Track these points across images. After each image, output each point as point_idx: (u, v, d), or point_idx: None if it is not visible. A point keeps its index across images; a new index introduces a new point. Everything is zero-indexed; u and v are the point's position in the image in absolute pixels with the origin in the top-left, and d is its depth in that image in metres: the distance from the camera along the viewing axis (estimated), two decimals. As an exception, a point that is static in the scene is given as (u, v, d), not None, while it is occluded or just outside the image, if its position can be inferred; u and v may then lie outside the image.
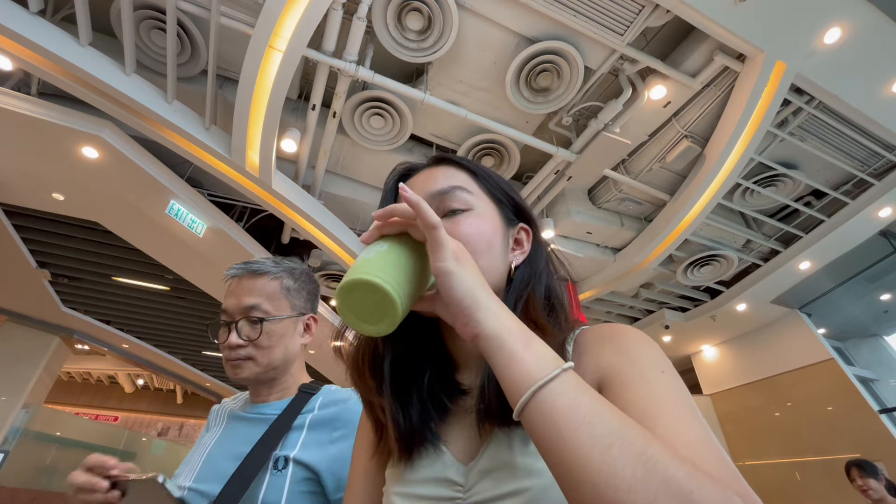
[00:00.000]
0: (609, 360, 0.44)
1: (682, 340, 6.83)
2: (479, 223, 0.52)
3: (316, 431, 0.83)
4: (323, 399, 0.89)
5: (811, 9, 2.70)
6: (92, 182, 3.69)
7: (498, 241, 0.53)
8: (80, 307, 6.76)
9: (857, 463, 2.74)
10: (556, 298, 0.55)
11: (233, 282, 0.93)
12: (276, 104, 2.87)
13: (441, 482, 0.47)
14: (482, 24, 2.93)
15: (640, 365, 0.42)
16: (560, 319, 0.51)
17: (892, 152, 3.78)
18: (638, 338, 0.46)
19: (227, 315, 0.89)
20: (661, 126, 3.71)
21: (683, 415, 0.37)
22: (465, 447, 0.49)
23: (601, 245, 4.82)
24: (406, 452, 0.50)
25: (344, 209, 4.25)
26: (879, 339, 6.53)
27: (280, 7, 2.40)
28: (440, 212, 0.54)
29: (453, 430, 0.52)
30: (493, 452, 0.45)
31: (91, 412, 13.15)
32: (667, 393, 0.39)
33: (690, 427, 0.35)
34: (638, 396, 0.39)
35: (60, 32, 2.60)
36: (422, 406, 0.52)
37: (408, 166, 0.61)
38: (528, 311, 0.51)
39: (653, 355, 0.43)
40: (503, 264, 0.53)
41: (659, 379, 0.40)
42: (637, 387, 0.40)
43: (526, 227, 0.59)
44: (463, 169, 0.58)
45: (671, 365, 0.43)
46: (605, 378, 0.43)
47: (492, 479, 0.43)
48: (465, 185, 0.55)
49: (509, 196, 0.59)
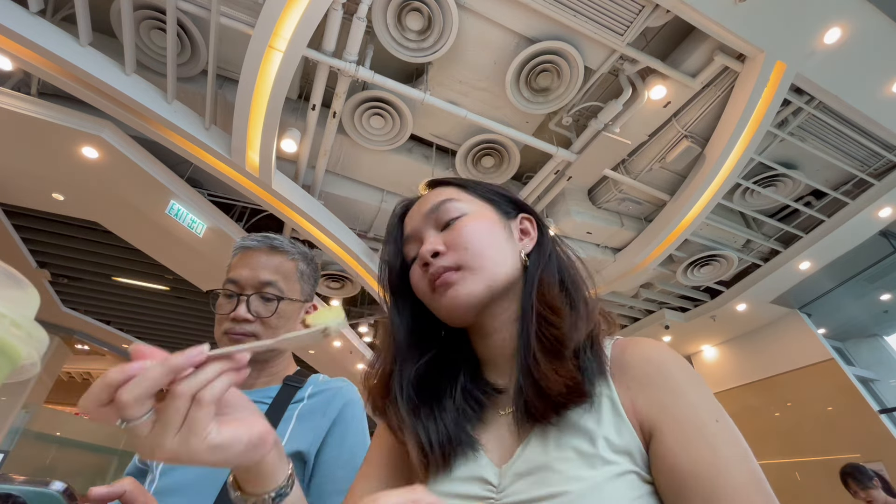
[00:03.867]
0: (662, 400, 0.43)
1: (682, 340, 6.82)
2: (473, 222, 0.55)
3: (305, 421, 0.81)
4: (313, 388, 0.87)
5: (811, 9, 2.70)
6: (92, 182, 3.69)
7: (499, 232, 0.55)
8: (80, 307, 6.76)
9: (851, 473, 2.71)
10: (570, 280, 0.55)
11: (246, 252, 0.88)
12: (276, 104, 2.87)
13: (475, 480, 0.47)
14: (482, 24, 2.93)
15: (696, 413, 0.42)
16: (577, 303, 0.52)
17: (892, 152, 3.77)
18: (688, 374, 0.45)
19: (237, 286, 0.84)
20: (661, 126, 3.71)
21: (749, 489, 0.37)
22: (500, 449, 0.49)
23: (601, 245, 4.82)
24: (443, 459, 0.49)
25: (344, 209, 4.25)
26: (879, 339, 6.52)
27: (280, 7, 2.39)
28: (438, 227, 0.56)
29: (488, 433, 0.51)
30: (528, 455, 0.45)
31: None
32: (730, 459, 0.39)
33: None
34: (702, 459, 0.39)
35: (60, 32, 2.60)
36: (457, 411, 0.53)
37: (406, 203, 0.64)
38: (543, 295, 0.51)
39: (706, 399, 0.43)
40: (512, 254, 0.55)
41: (719, 436, 0.40)
42: (700, 445, 0.40)
43: (529, 217, 0.61)
44: (450, 185, 0.61)
45: (721, 407, 0.43)
46: (658, 420, 0.42)
47: (526, 482, 0.43)
48: (453, 197, 0.57)
49: (501, 194, 0.61)
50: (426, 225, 0.57)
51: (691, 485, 0.38)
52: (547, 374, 0.45)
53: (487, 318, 0.54)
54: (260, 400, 0.84)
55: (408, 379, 0.55)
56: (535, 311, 0.50)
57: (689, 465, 0.38)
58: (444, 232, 0.55)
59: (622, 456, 0.41)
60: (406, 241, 0.59)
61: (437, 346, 0.58)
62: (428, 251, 0.53)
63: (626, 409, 0.44)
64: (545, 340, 0.48)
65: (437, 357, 0.57)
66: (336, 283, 5.29)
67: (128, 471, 0.89)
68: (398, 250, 0.60)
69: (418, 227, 0.57)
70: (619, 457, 0.41)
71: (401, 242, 0.60)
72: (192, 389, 0.36)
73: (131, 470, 0.88)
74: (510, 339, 0.53)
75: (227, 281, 0.87)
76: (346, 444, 0.80)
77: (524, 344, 0.50)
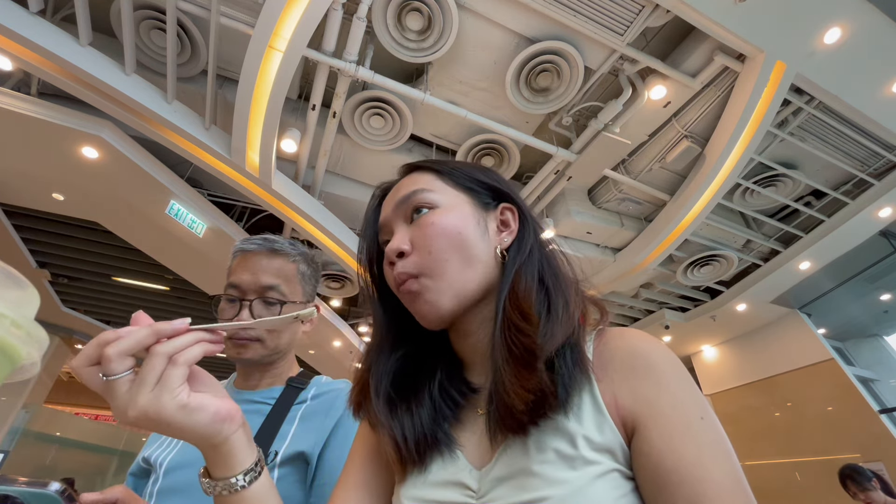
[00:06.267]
0: (647, 394, 0.42)
1: (682, 340, 6.83)
2: (441, 218, 0.51)
3: (308, 421, 0.81)
4: (316, 390, 0.87)
5: (811, 9, 2.70)
6: (92, 182, 3.69)
7: (471, 229, 0.51)
8: (80, 307, 6.76)
9: (849, 475, 2.70)
10: (553, 277, 0.50)
11: (246, 256, 0.88)
12: (276, 104, 2.87)
13: (454, 485, 0.46)
14: (482, 24, 2.93)
15: (682, 410, 0.41)
16: (556, 305, 0.47)
17: (892, 152, 3.77)
18: (674, 367, 0.44)
19: (239, 291, 0.84)
20: (661, 126, 3.71)
21: (732, 490, 0.37)
22: (478, 450, 0.47)
23: (601, 245, 4.82)
24: (419, 456, 0.48)
25: (344, 209, 4.25)
26: (879, 339, 6.53)
27: (280, 7, 2.39)
28: (407, 219, 0.53)
29: (466, 433, 0.50)
30: (508, 459, 0.43)
31: (91, 412, 13.14)
32: (714, 458, 0.38)
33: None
34: (686, 458, 0.38)
35: (60, 32, 2.60)
36: (433, 406, 0.51)
37: (385, 187, 0.61)
38: (516, 299, 0.47)
39: (692, 394, 0.42)
40: (486, 251, 0.51)
41: (704, 434, 0.40)
42: (684, 443, 0.39)
43: (510, 207, 0.56)
44: (427, 171, 0.56)
45: (706, 402, 0.42)
46: (642, 415, 0.41)
47: (507, 487, 0.42)
48: (426, 187, 0.53)
49: (481, 181, 0.56)
50: (396, 216, 0.54)
51: (675, 482, 0.37)
52: (511, 391, 0.42)
53: (464, 319, 0.52)
54: (263, 401, 0.84)
55: (385, 372, 0.53)
56: (507, 318, 0.47)
57: (673, 463, 0.38)
58: (412, 226, 0.52)
59: (604, 454, 0.40)
60: (380, 229, 0.57)
61: (416, 340, 0.56)
62: (392, 251, 0.51)
63: (607, 405, 0.42)
64: (514, 349, 0.44)
65: (417, 351, 0.56)
66: (336, 283, 5.29)
67: (132, 470, 0.88)
68: (375, 235, 0.58)
69: (389, 217, 0.55)
70: (601, 455, 0.40)
71: (377, 227, 0.58)
72: (170, 351, 0.40)
73: (135, 469, 0.87)
74: (486, 339, 0.50)
75: (228, 285, 0.86)
76: (348, 445, 0.80)
77: (493, 350, 0.47)
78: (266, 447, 0.76)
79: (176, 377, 0.39)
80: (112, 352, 0.38)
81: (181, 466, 0.78)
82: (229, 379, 0.95)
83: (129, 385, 0.38)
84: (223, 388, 0.46)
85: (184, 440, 0.42)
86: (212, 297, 0.88)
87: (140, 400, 0.38)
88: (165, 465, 0.79)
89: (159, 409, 0.38)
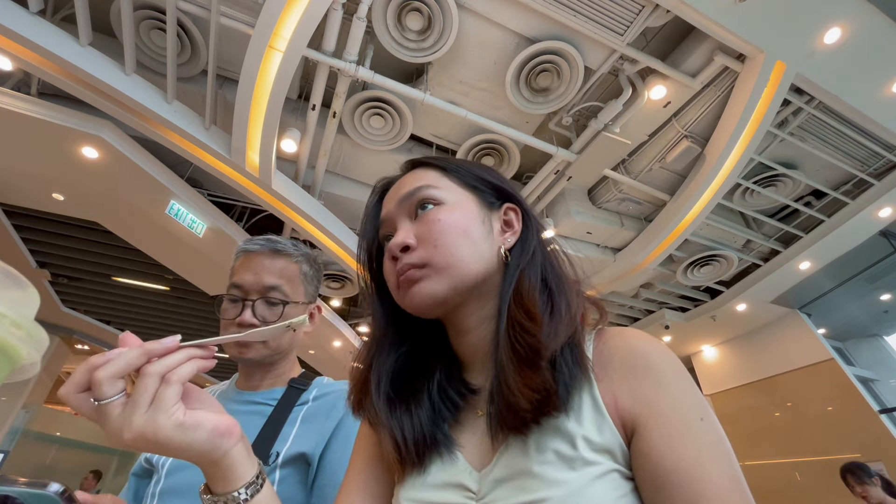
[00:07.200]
0: (646, 395, 0.42)
1: (682, 340, 6.83)
2: (447, 215, 0.50)
3: (309, 423, 0.81)
4: (317, 391, 0.87)
5: (811, 9, 2.70)
6: (92, 182, 3.69)
7: (476, 228, 0.51)
8: (80, 307, 6.75)
9: (850, 469, 2.72)
10: (555, 278, 0.51)
11: (249, 256, 0.88)
12: (276, 104, 2.87)
13: (453, 486, 0.45)
14: (482, 24, 2.93)
15: (682, 410, 0.41)
16: (559, 306, 0.47)
17: (892, 152, 3.77)
18: (674, 367, 0.43)
19: (241, 291, 0.85)
20: (661, 126, 3.71)
21: (732, 491, 0.37)
22: (478, 452, 0.47)
23: (601, 245, 4.82)
24: (418, 457, 0.48)
25: (344, 209, 4.25)
26: (879, 339, 6.53)
27: (280, 7, 2.39)
28: (411, 215, 0.53)
29: (465, 434, 0.50)
30: (508, 460, 0.43)
31: (91, 412, 13.13)
32: (714, 460, 0.38)
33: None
34: (686, 459, 0.38)
35: (60, 32, 2.60)
36: (432, 407, 0.51)
37: (386, 182, 0.60)
38: (521, 298, 0.48)
39: (691, 394, 0.42)
40: (489, 250, 0.51)
41: (704, 435, 0.39)
42: (684, 443, 0.39)
43: (514, 207, 0.56)
44: (431, 168, 0.56)
45: (706, 403, 0.42)
46: (642, 415, 0.41)
47: (507, 489, 0.42)
48: (432, 183, 0.53)
49: (486, 181, 0.56)
50: (400, 212, 0.53)
51: (674, 483, 0.37)
52: (516, 389, 0.43)
53: (461, 316, 0.51)
54: (265, 402, 0.84)
55: (385, 371, 0.53)
56: (511, 317, 0.47)
57: (672, 463, 0.38)
58: (417, 222, 0.52)
59: (603, 455, 0.40)
60: (381, 224, 0.56)
61: (415, 339, 0.56)
62: (397, 245, 0.50)
63: (607, 405, 0.42)
64: (519, 348, 0.45)
65: (417, 350, 0.55)
66: (336, 283, 5.29)
67: (134, 470, 0.88)
68: (375, 231, 0.58)
69: (392, 213, 0.54)
70: (601, 456, 0.40)
71: (377, 223, 0.57)
72: (161, 370, 0.39)
73: (138, 470, 0.87)
74: (486, 338, 0.50)
75: (230, 286, 0.86)
76: (349, 446, 0.80)
77: (497, 349, 0.47)
78: (267, 448, 0.76)
79: (170, 396, 0.39)
80: (102, 375, 0.37)
81: (183, 467, 0.78)
82: (231, 379, 0.95)
83: (121, 408, 0.38)
84: (218, 403, 0.45)
85: (183, 459, 0.41)
86: (214, 297, 0.88)
87: (135, 422, 0.37)
88: (168, 466, 0.80)
89: (156, 430, 0.38)
